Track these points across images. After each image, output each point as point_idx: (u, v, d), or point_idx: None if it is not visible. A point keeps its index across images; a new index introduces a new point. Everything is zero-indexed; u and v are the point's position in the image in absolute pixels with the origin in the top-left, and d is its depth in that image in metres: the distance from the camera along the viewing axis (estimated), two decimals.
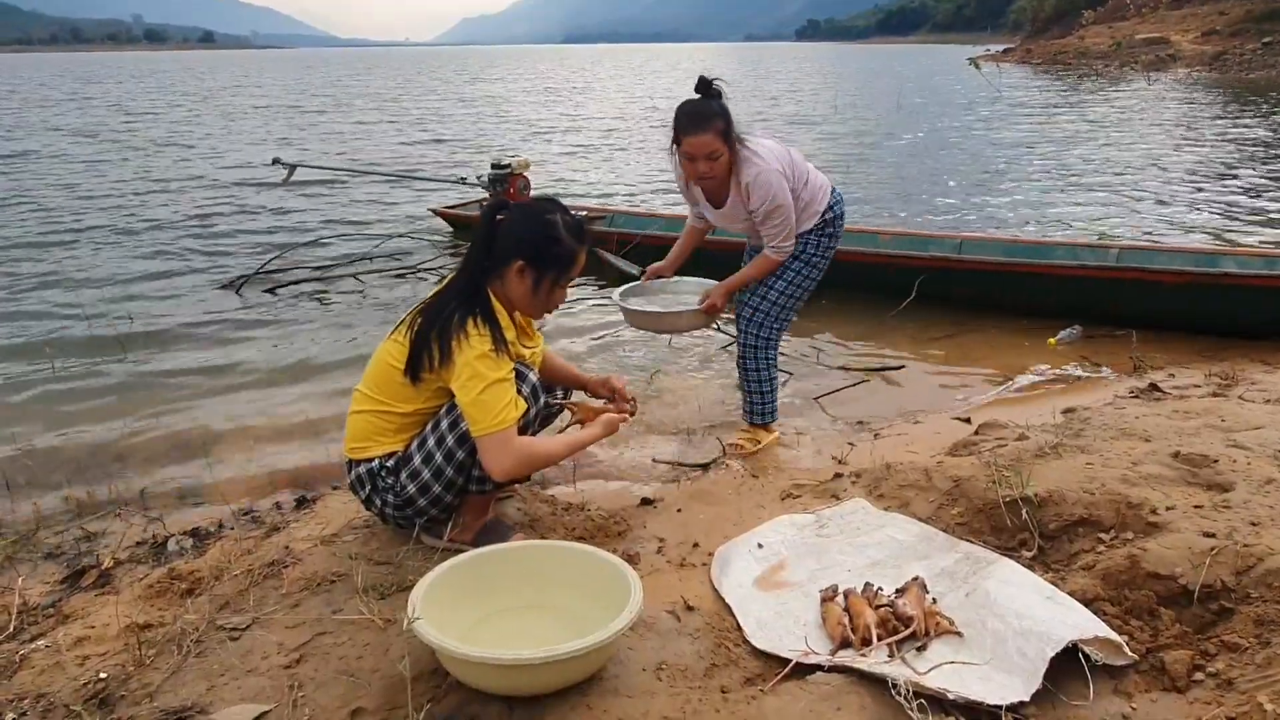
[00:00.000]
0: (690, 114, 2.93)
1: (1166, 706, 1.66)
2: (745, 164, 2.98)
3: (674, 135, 2.97)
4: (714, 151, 2.92)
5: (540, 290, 2.27)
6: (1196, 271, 4.66)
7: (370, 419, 2.27)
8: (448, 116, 20.92)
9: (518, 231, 2.25)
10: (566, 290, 2.36)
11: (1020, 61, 46.05)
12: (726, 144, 2.93)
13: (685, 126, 2.92)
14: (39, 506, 3.12)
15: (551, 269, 2.26)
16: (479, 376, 2.10)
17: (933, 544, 2.27)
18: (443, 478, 2.23)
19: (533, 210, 2.31)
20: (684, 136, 2.93)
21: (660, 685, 1.77)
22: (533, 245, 2.23)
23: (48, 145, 14.55)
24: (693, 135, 2.91)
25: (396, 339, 2.24)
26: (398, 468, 2.26)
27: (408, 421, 2.26)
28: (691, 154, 2.93)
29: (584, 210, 7.28)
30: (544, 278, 2.26)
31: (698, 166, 2.96)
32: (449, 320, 2.14)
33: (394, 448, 2.27)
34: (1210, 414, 2.89)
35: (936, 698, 1.67)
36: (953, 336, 4.94)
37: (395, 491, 2.26)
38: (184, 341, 5.08)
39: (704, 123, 2.90)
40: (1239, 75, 30.11)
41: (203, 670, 1.89)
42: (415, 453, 2.24)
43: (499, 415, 2.12)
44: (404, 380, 2.20)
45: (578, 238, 2.29)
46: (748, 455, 3.29)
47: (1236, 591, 1.84)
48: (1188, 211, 8.45)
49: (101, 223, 8.45)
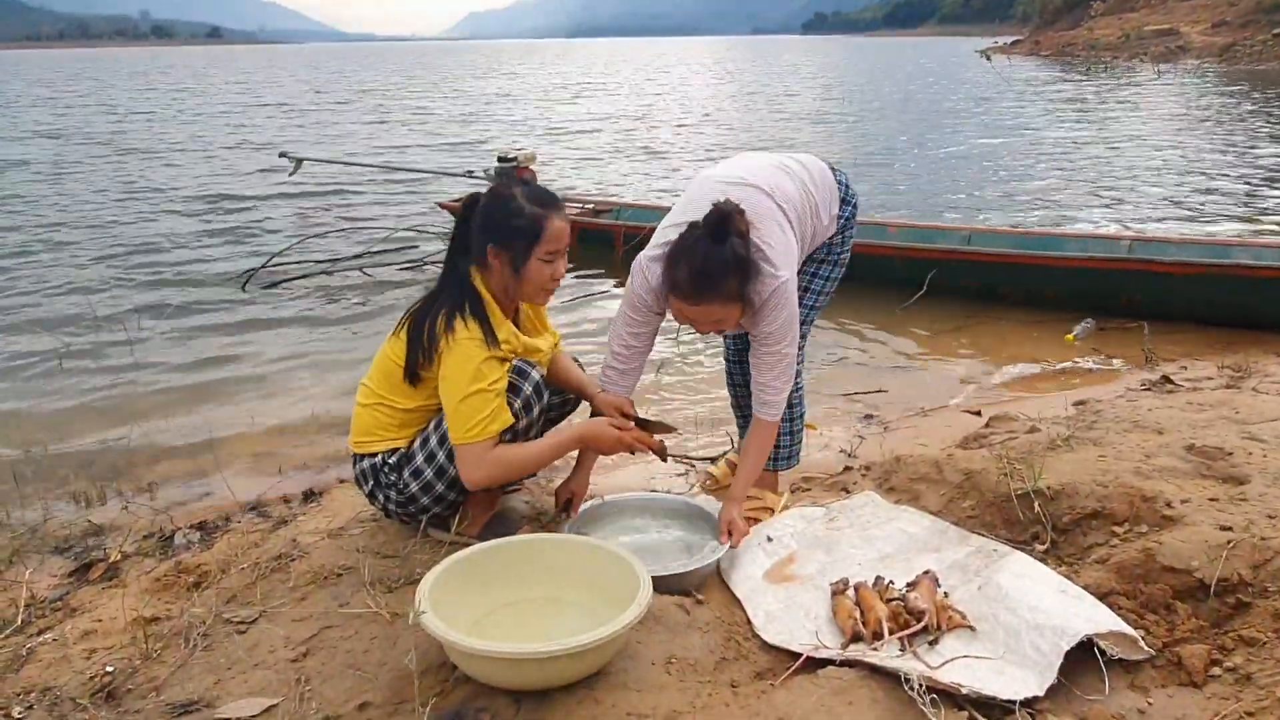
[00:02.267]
0: (694, 277, 2.08)
1: (1183, 702, 1.63)
2: (760, 279, 2.15)
3: (658, 287, 2.19)
4: (722, 319, 2.18)
5: (522, 269, 2.14)
6: (1208, 263, 4.63)
7: (373, 413, 2.26)
8: (469, 117, 20.88)
9: (481, 216, 2.17)
10: (560, 265, 2.19)
11: (1029, 53, 45.85)
12: (744, 301, 2.14)
13: (682, 289, 2.10)
14: (47, 500, 3.12)
15: (520, 241, 2.13)
16: (459, 385, 2.07)
17: (944, 537, 2.25)
18: (445, 476, 2.21)
19: (491, 191, 2.20)
20: (677, 300, 2.14)
21: (669, 679, 1.75)
22: (495, 224, 2.14)
23: (46, 151, 14.54)
24: (691, 304, 2.12)
25: (397, 335, 2.22)
26: (400, 465, 2.24)
27: (410, 417, 2.24)
28: (687, 319, 2.20)
29: (590, 203, 7.26)
30: (516, 253, 2.13)
31: (700, 328, 2.25)
32: (435, 318, 2.11)
33: (397, 443, 2.25)
34: (1224, 406, 2.86)
35: (949, 692, 1.65)
36: (963, 329, 4.90)
37: (398, 489, 2.25)
38: (191, 336, 5.08)
39: (711, 289, 2.09)
40: (1249, 66, 29.90)
41: (209, 664, 1.88)
42: (418, 451, 2.22)
43: (476, 427, 2.08)
44: (400, 373, 2.19)
45: (541, 204, 2.14)
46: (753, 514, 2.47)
47: (1254, 585, 1.81)
48: (1199, 202, 8.38)
49: (107, 219, 8.46)
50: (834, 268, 2.61)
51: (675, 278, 2.11)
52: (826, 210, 2.46)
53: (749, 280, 2.12)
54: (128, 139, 15.25)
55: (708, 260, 2.07)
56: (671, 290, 2.14)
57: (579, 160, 12.33)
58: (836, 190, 2.52)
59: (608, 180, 10.65)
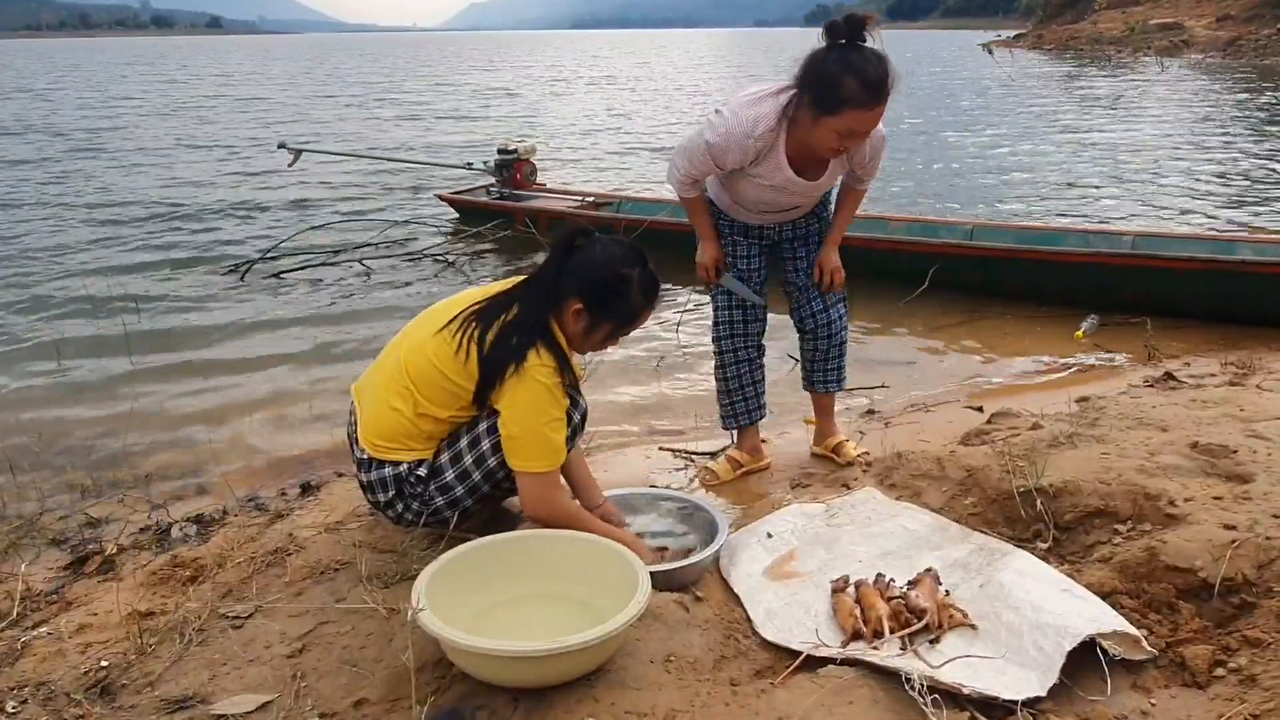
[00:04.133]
0: (876, 81, 2.16)
1: (1187, 703, 1.62)
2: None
3: (824, 105, 2.21)
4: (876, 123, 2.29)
5: (593, 337, 2.17)
6: (1212, 258, 4.60)
7: (405, 421, 2.14)
8: (476, 117, 20.82)
9: (589, 273, 2.11)
10: (619, 340, 2.25)
11: (1032, 47, 45.68)
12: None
13: (863, 98, 2.17)
14: (44, 493, 3.10)
15: (611, 321, 2.15)
16: (534, 413, 2.03)
17: (946, 534, 2.23)
18: (476, 493, 2.19)
19: (612, 255, 2.13)
20: (856, 110, 2.18)
21: (668, 677, 1.73)
22: (600, 293, 2.10)
23: (47, 141, 14.50)
24: (873, 108, 2.20)
25: (444, 337, 2.11)
26: (428, 478, 2.17)
27: (441, 428, 2.17)
28: (858, 129, 2.25)
29: (591, 195, 7.23)
30: (599, 327, 2.15)
31: (846, 143, 2.30)
32: (516, 350, 2.05)
33: (423, 454, 2.17)
34: (1228, 403, 2.83)
35: (951, 692, 1.63)
36: (964, 324, 4.88)
37: (422, 499, 2.19)
38: (189, 327, 5.06)
39: (885, 90, 2.19)
40: (1254, 61, 29.79)
41: (205, 659, 1.86)
42: (448, 468, 2.16)
43: (549, 456, 2.07)
44: (453, 388, 2.09)
45: (648, 297, 2.16)
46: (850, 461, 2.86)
47: (1258, 585, 1.79)
48: (1202, 198, 8.35)
49: (104, 212, 8.44)
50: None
51: (851, 90, 2.16)
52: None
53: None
54: (121, 132, 15.19)
55: (878, 64, 2.17)
56: (843, 101, 2.17)
57: (577, 151, 12.30)
58: None
59: (607, 171, 10.62)
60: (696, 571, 2.14)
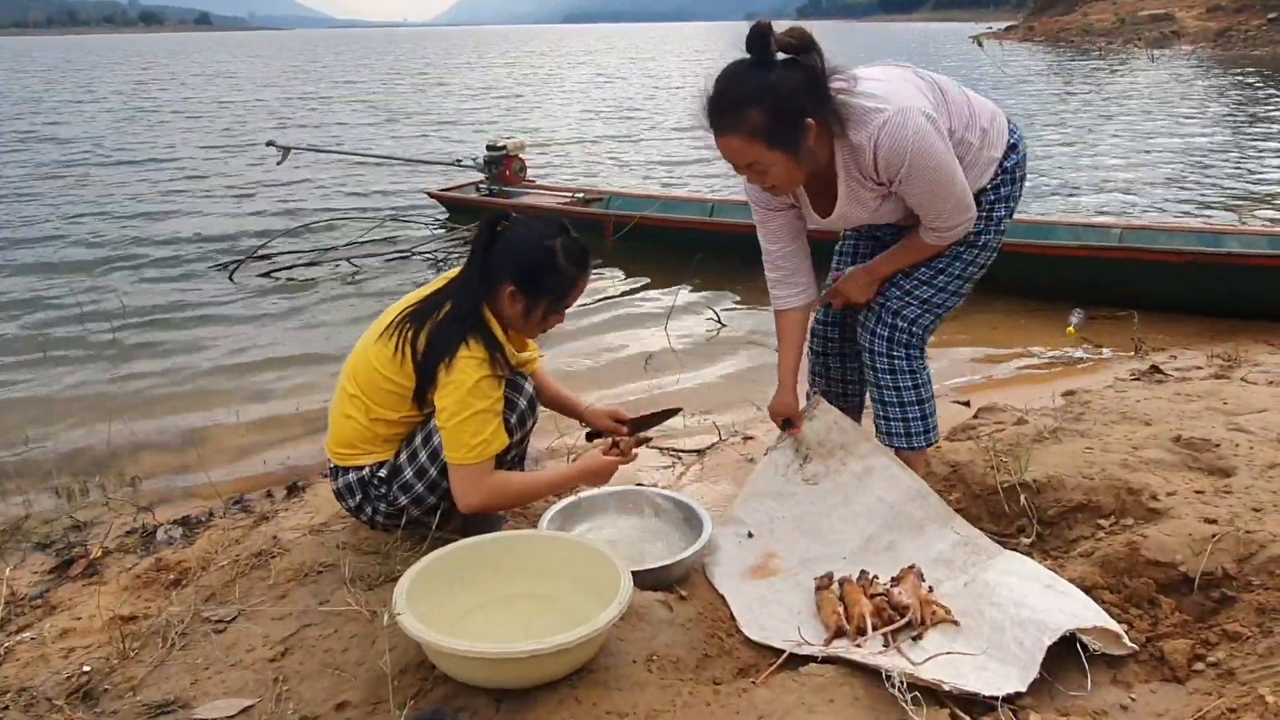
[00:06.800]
0: (716, 99, 1.84)
1: (1166, 697, 1.63)
2: (856, 120, 1.84)
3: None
4: (754, 162, 1.88)
5: (533, 316, 2.13)
6: (1200, 251, 4.61)
7: (359, 426, 2.17)
8: (478, 119, 20.75)
9: (514, 253, 2.08)
10: (564, 315, 2.20)
11: (1022, 39, 45.72)
12: (781, 145, 1.83)
13: (710, 118, 1.87)
14: (29, 495, 3.09)
15: (546, 296, 2.10)
16: (459, 404, 2.02)
17: (926, 507, 2.19)
18: (438, 490, 2.18)
19: (533, 231, 2.11)
20: (712, 132, 1.90)
21: (651, 677, 1.73)
22: (528, 270, 2.07)
23: (31, 135, 14.42)
24: (717, 135, 1.88)
25: (383, 341, 2.11)
26: (390, 478, 2.18)
27: (396, 430, 2.18)
28: (726, 158, 1.93)
29: (580, 191, 7.22)
30: (537, 304, 2.11)
31: (745, 179, 2.02)
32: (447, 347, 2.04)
33: (382, 455, 2.19)
34: (1212, 396, 2.85)
35: (931, 689, 1.64)
36: (953, 317, 4.83)
37: (388, 500, 2.20)
38: (176, 327, 5.04)
39: (731, 116, 1.83)
40: (1243, 52, 29.86)
41: (187, 663, 1.86)
42: (406, 466, 2.17)
43: (475, 449, 2.04)
44: (396, 390, 2.10)
45: (578, 265, 2.12)
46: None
47: (1238, 579, 1.81)
48: (1191, 191, 8.37)
49: (90, 208, 8.40)
50: (977, 251, 2.17)
51: (706, 107, 1.85)
52: (977, 140, 2.01)
53: (788, 113, 1.77)
54: (112, 137, 15.12)
55: (732, 81, 1.81)
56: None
57: (566, 147, 12.27)
58: (1002, 123, 2.10)
59: (597, 166, 10.60)
60: (681, 569, 2.14)
